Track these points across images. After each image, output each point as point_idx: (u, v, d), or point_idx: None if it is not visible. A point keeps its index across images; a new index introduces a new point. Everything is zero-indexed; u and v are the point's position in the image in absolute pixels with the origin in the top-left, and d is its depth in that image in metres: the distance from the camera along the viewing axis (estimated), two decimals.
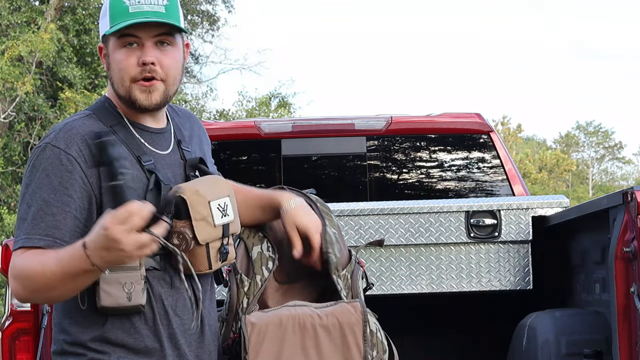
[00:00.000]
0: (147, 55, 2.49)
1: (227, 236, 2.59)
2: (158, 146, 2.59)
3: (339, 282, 2.87)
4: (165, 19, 2.50)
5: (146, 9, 2.49)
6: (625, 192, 3.18)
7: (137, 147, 2.54)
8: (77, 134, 2.48)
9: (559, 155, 58.37)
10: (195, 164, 2.64)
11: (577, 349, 3.43)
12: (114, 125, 2.55)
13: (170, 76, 2.54)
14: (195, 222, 2.49)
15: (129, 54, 2.50)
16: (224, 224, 2.56)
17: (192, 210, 2.49)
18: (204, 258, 2.55)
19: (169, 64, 2.53)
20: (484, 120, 5.08)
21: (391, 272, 3.96)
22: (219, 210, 2.54)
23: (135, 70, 2.50)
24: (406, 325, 4.51)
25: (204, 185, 2.56)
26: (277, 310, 2.76)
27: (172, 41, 2.54)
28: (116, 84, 2.53)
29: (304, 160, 5.05)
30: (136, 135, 2.56)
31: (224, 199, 2.57)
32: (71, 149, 2.45)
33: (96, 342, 2.49)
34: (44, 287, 2.37)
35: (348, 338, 2.72)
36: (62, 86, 20.86)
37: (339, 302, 2.78)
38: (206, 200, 2.51)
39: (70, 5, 21.84)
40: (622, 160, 69.29)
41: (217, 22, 26.58)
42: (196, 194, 2.50)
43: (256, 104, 31.02)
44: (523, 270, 3.95)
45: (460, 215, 3.94)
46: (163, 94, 2.54)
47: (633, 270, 3.11)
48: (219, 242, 2.56)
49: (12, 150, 20.66)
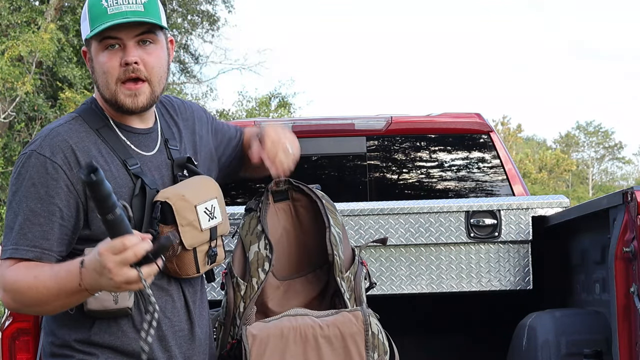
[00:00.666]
0: (129, 55, 2.47)
1: (215, 239, 2.57)
2: (144, 147, 2.57)
3: (342, 285, 2.85)
4: (144, 18, 2.47)
5: (124, 9, 2.46)
6: (625, 192, 3.17)
7: (123, 150, 2.52)
8: (63, 141, 2.47)
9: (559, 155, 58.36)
10: (182, 163, 2.60)
11: (577, 349, 3.43)
12: (100, 128, 2.53)
13: (154, 75, 2.51)
14: (181, 227, 2.47)
15: (111, 56, 2.48)
16: (212, 227, 2.55)
17: (177, 216, 2.47)
18: (191, 262, 2.53)
19: (152, 63, 2.50)
20: (484, 120, 5.08)
21: (391, 272, 3.95)
22: (206, 213, 2.52)
23: (119, 71, 2.48)
24: (406, 326, 4.50)
25: (190, 188, 2.53)
26: (278, 320, 2.74)
27: (155, 39, 2.52)
28: (101, 87, 2.51)
29: (304, 160, 5.01)
30: (122, 138, 2.54)
31: (211, 202, 2.55)
32: (56, 157, 2.45)
33: (84, 344, 2.48)
34: (36, 301, 2.37)
35: (350, 348, 2.70)
36: (62, 86, 20.86)
37: (341, 311, 2.77)
38: (192, 205, 2.49)
39: (70, 5, 21.83)
40: (622, 160, 69.29)
41: (217, 22, 26.56)
42: (182, 199, 2.48)
43: (256, 104, 31.02)
44: (523, 270, 3.95)
45: (460, 215, 3.94)
46: (149, 96, 2.52)
47: (633, 270, 3.11)
48: (206, 245, 2.54)
49: (12, 150, 20.66)
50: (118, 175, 2.48)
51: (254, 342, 2.67)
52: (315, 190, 2.97)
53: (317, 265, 2.93)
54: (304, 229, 2.97)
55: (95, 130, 2.52)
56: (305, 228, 2.96)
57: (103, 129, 2.53)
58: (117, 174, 2.48)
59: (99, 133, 2.52)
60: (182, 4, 25.60)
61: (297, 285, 2.92)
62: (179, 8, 25.77)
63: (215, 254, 2.59)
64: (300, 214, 2.98)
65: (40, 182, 2.43)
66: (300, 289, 2.92)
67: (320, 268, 2.93)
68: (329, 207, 2.94)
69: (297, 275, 2.94)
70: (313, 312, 2.78)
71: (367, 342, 2.71)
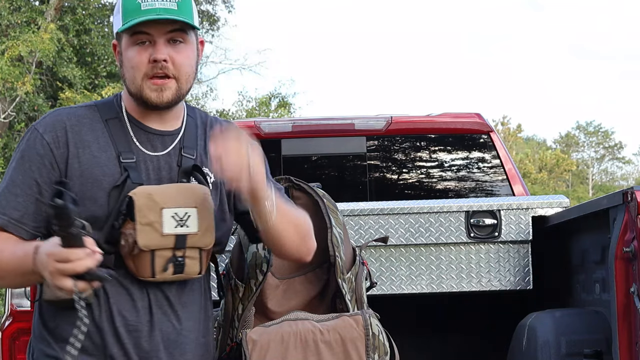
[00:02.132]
0: (159, 52, 2.46)
1: (182, 248, 2.46)
2: (150, 147, 2.54)
3: (343, 287, 2.84)
4: (177, 16, 2.47)
5: (158, 6, 2.46)
6: (625, 192, 3.17)
7: (125, 143, 2.51)
8: (59, 120, 2.51)
9: (559, 155, 58.36)
10: (188, 170, 2.55)
11: (577, 349, 3.43)
12: (110, 119, 2.54)
13: (182, 74, 2.50)
14: (139, 226, 2.41)
15: (140, 52, 2.48)
16: (178, 234, 2.44)
17: (138, 213, 2.41)
18: (146, 265, 2.45)
19: (181, 62, 2.49)
20: (484, 120, 5.08)
21: (391, 272, 3.95)
22: (174, 219, 2.44)
23: (147, 67, 2.47)
24: (406, 326, 4.50)
25: (166, 191, 2.47)
26: (278, 325, 2.72)
27: (185, 38, 2.51)
28: (128, 81, 2.51)
29: (304, 160, 5.04)
30: (129, 132, 2.53)
31: (186, 209, 2.46)
32: (48, 134, 2.49)
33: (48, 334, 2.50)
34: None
35: (351, 353, 2.68)
36: (62, 86, 20.86)
37: (341, 315, 2.75)
38: (159, 206, 2.42)
39: (70, 5, 21.83)
40: (622, 160, 69.28)
41: (217, 22, 26.57)
42: (148, 197, 2.43)
43: (256, 104, 31.01)
44: (523, 270, 3.95)
45: (460, 215, 3.94)
46: (175, 92, 2.51)
47: (633, 270, 3.11)
48: (168, 252, 2.44)
49: (12, 150, 20.64)
50: (106, 164, 2.48)
51: (254, 348, 2.65)
52: (316, 189, 2.95)
53: (317, 264, 2.91)
54: None
55: (104, 121, 2.53)
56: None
57: (112, 121, 2.54)
58: (105, 162, 2.48)
59: (106, 123, 2.53)
60: None
61: (296, 284, 2.91)
62: None
63: (181, 265, 2.47)
64: None
65: (28, 156, 2.49)
66: (300, 288, 2.90)
67: (320, 267, 2.92)
68: (330, 206, 2.92)
69: (296, 274, 2.92)
70: (314, 316, 2.76)
71: (368, 346, 2.70)
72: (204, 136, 2.63)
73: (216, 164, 2.34)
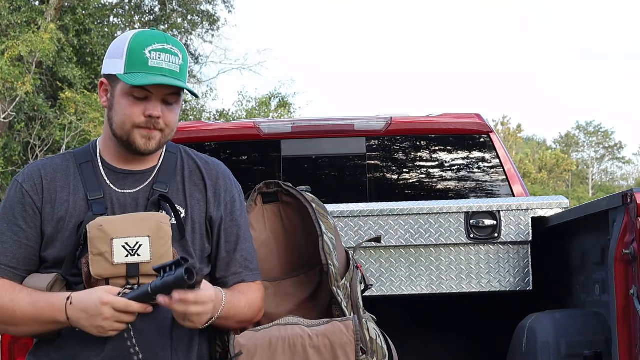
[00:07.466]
0: (155, 109, 2.59)
1: (134, 276, 2.53)
2: (120, 185, 2.65)
3: (339, 294, 2.81)
4: (179, 82, 2.60)
5: (164, 66, 2.59)
6: (624, 194, 3.17)
7: (94, 183, 2.63)
8: (36, 171, 2.67)
9: (559, 155, 58.39)
10: (155, 201, 2.63)
11: (577, 350, 3.43)
12: (83, 162, 2.68)
13: (170, 128, 2.65)
14: (92, 256, 2.52)
15: (136, 103, 2.60)
16: (129, 263, 2.52)
17: (90, 244, 2.52)
18: None
19: (170, 119, 2.64)
20: (483, 121, 5.08)
21: (391, 273, 3.95)
22: (125, 248, 2.52)
23: (140, 119, 2.60)
24: (406, 327, 4.50)
25: (118, 221, 2.55)
26: (267, 330, 2.71)
27: (177, 100, 2.65)
28: (116, 124, 2.63)
29: (303, 160, 5.04)
30: (101, 174, 2.66)
31: (137, 239, 2.53)
32: (26, 183, 2.65)
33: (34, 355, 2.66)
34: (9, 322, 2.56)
35: (340, 359, 2.67)
36: (62, 86, 20.88)
37: (332, 320, 2.73)
38: (109, 237, 2.52)
39: (70, 5, 21.84)
40: (622, 160, 69.33)
41: (217, 22, 26.57)
42: (98, 229, 2.53)
43: (256, 104, 31.04)
44: (523, 271, 3.95)
45: (460, 216, 3.93)
46: (159, 142, 2.64)
47: (633, 272, 3.11)
48: (121, 280, 2.52)
49: (12, 150, 20.66)
50: (73, 205, 2.61)
51: (241, 352, 2.65)
52: (304, 194, 2.92)
53: (309, 267, 2.90)
54: (295, 231, 2.93)
55: (78, 165, 2.68)
56: (296, 230, 2.93)
57: (86, 164, 2.68)
58: (73, 204, 2.62)
59: (79, 167, 2.67)
60: (182, 4, 25.61)
61: (287, 287, 2.89)
62: (179, 8, 25.77)
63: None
64: (291, 217, 2.95)
65: (10, 206, 2.65)
66: (291, 291, 2.89)
67: (312, 269, 2.90)
68: (319, 210, 2.90)
69: (288, 276, 2.91)
70: (305, 321, 2.75)
71: (358, 352, 2.68)
72: (182, 172, 2.73)
73: (163, 300, 2.42)
